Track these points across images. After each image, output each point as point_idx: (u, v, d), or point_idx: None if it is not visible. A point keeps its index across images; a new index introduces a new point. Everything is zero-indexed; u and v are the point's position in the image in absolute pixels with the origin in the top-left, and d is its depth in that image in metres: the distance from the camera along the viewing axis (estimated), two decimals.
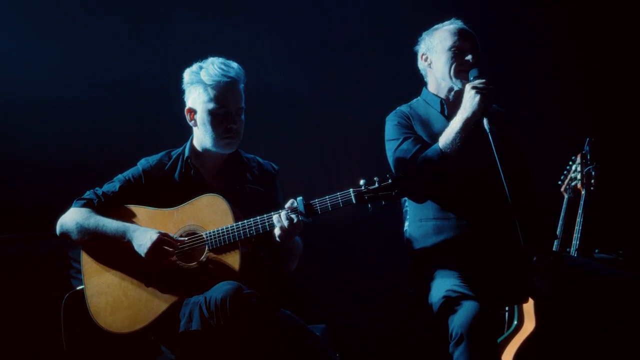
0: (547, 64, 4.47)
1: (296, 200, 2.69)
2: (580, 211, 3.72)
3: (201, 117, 2.92)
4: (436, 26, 3.13)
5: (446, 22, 3.12)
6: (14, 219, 3.91)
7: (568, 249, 3.64)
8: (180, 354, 2.79)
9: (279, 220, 2.67)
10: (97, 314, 2.82)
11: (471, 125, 2.85)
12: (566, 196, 3.82)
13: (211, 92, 2.88)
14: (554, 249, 3.57)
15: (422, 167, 2.87)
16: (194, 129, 2.98)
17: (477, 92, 2.83)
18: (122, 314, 2.78)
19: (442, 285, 2.78)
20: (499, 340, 3.40)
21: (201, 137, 2.95)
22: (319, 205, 2.66)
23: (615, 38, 4.41)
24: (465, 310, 2.65)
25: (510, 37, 4.33)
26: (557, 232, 3.71)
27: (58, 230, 2.91)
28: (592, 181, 3.77)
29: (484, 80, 2.87)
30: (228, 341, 2.57)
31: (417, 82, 3.21)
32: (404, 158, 2.94)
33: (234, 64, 2.94)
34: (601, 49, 4.44)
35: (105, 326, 2.80)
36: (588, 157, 3.82)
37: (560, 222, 3.75)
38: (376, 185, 2.63)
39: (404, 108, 3.16)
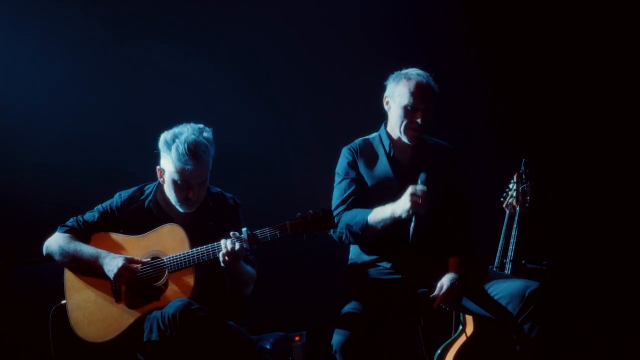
0: (491, 96, 4.80)
1: (241, 230, 3.04)
2: (514, 225, 3.91)
3: (167, 180, 3.21)
4: (403, 72, 3.36)
5: (412, 71, 3.34)
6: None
7: (504, 260, 3.89)
8: None
9: (225, 246, 3.02)
10: (76, 325, 3.21)
11: (398, 220, 3.11)
12: (507, 212, 3.98)
13: (177, 169, 3.14)
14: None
15: (347, 225, 3.24)
16: (164, 185, 3.27)
17: (411, 200, 3.03)
18: (96, 326, 3.17)
19: (348, 306, 3.18)
20: (445, 343, 3.75)
21: (167, 192, 3.26)
22: (260, 235, 3.02)
23: (544, 71, 4.74)
24: (343, 331, 3.05)
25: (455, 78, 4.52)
26: (499, 244, 3.92)
27: (44, 251, 3.33)
28: (528, 198, 3.94)
29: (424, 189, 3.05)
30: (182, 348, 2.95)
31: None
32: (339, 197, 3.35)
33: (202, 145, 3.12)
34: (533, 83, 4.78)
35: (82, 336, 3.18)
36: (523, 176, 3.97)
37: (501, 236, 3.95)
38: (309, 217, 2.97)
39: (358, 142, 3.47)
